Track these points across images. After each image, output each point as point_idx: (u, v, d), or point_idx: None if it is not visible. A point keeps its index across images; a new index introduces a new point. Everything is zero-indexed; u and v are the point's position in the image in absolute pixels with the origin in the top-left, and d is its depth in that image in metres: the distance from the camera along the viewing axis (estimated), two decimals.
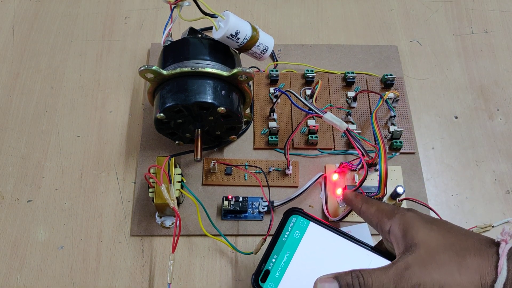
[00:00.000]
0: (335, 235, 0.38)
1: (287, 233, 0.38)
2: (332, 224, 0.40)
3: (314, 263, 0.37)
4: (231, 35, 0.46)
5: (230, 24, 0.46)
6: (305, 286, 0.35)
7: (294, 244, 0.38)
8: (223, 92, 0.47)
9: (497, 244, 0.31)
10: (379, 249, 0.38)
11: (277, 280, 0.37)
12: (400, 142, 0.55)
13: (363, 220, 0.48)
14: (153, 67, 0.45)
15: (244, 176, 0.54)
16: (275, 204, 0.51)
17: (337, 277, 0.32)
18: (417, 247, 0.32)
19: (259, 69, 0.61)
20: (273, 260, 0.37)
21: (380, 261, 0.37)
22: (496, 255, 0.31)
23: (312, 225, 0.38)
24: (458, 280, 0.30)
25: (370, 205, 0.39)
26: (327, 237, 0.38)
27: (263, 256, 0.38)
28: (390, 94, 0.56)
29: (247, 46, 0.48)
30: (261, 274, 0.37)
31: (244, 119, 0.54)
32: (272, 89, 0.59)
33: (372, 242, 0.49)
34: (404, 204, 0.52)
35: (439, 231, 0.33)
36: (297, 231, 0.38)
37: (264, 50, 0.49)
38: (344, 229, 0.51)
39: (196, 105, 0.46)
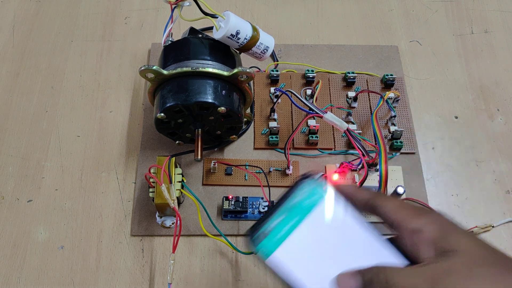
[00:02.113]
0: (348, 215, 0.33)
1: (298, 198, 0.33)
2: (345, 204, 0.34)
3: (323, 238, 0.32)
4: (231, 35, 0.46)
5: (231, 24, 0.46)
6: (306, 258, 0.31)
7: (303, 213, 0.33)
8: (223, 92, 0.47)
9: None
10: (395, 243, 0.33)
11: (276, 242, 0.32)
12: (401, 142, 0.55)
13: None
14: (154, 67, 0.45)
15: (245, 176, 0.54)
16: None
17: (362, 272, 0.29)
18: (458, 254, 0.29)
19: (259, 69, 0.61)
20: (275, 222, 0.32)
21: (397, 257, 0.32)
22: None
23: (329, 196, 0.34)
24: None
25: (388, 199, 0.34)
26: (341, 214, 0.33)
27: (265, 216, 0.32)
28: (390, 94, 0.56)
29: (248, 46, 0.48)
30: (256, 232, 0.32)
31: (245, 119, 0.54)
32: (272, 89, 0.59)
33: None
34: None
35: (480, 243, 0.30)
36: (307, 200, 0.33)
37: (265, 50, 0.49)
38: None
39: (197, 105, 0.46)
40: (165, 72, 0.46)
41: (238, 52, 0.51)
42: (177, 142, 0.54)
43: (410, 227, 0.31)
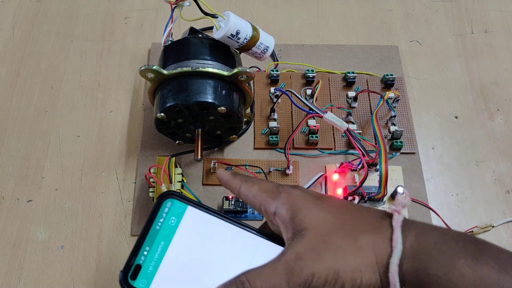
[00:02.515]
0: (218, 219, 0.33)
1: (161, 220, 0.32)
2: (213, 208, 0.34)
3: (194, 253, 0.32)
4: (231, 35, 0.46)
5: (231, 24, 0.46)
6: (183, 280, 0.31)
7: (170, 232, 0.32)
8: (223, 92, 0.47)
9: (390, 216, 0.28)
10: (265, 233, 0.33)
11: (149, 276, 0.31)
12: (401, 142, 0.55)
13: None
14: (154, 67, 0.45)
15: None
16: None
17: (226, 285, 0.28)
18: (307, 232, 0.28)
19: (259, 69, 0.61)
20: (145, 252, 0.31)
21: (269, 246, 0.32)
22: (390, 228, 0.28)
23: (191, 209, 0.33)
24: (353, 263, 0.27)
25: (251, 184, 0.32)
26: (209, 222, 0.33)
27: (133, 248, 0.31)
28: (390, 94, 0.56)
29: (248, 46, 0.48)
30: (130, 270, 0.31)
31: (245, 119, 0.54)
32: (272, 89, 0.59)
33: None
34: None
35: (330, 211, 0.29)
36: (173, 218, 0.32)
37: (265, 50, 0.49)
38: None
39: (197, 104, 0.46)
40: (165, 72, 0.46)
41: (238, 52, 0.51)
42: (177, 142, 0.54)
43: (270, 211, 0.30)
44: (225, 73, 0.47)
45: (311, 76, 0.60)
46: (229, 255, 0.31)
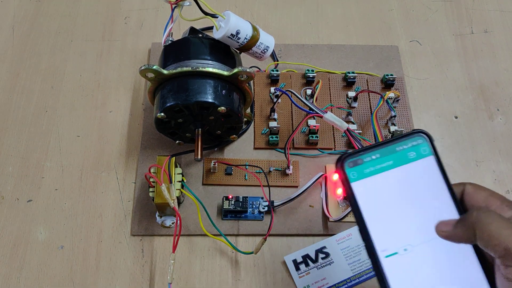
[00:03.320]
0: (444, 183, 0.33)
1: (405, 146, 0.33)
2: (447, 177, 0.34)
3: (407, 191, 0.32)
4: (231, 34, 0.46)
5: (231, 24, 0.46)
6: (391, 196, 0.32)
7: (402, 161, 0.33)
8: (223, 91, 0.47)
9: None
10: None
11: (363, 174, 0.32)
12: None
13: None
14: (154, 67, 0.45)
15: (245, 175, 0.54)
16: (275, 204, 0.51)
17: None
18: None
19: (259, 69, 0.61)
20: (373, 157, 0.32)
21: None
22: None
23: (430, 159, 0.33)
24: None
25: (479, 186, 0.33)
26: (436, 177, 0.33)
27: (367, 146, 0.33)
28: (390, 94, 0.56)
29: (248, 46, 0.48)
30: (354, 157, 0.32)
31: (245, 119, 0.54)
32: (272, 89, 0.59)
33: None
34: None
35: None
36: (414, 152, 0.33)
37: (265, 50, 0.49)
38: (343, 233, 0.51)
39: (197, 104, 0.46)
40: (165, 71, 0.46)
41: (238, 52, 0.51)
42: (177, 142, 0.54)
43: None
44: (225, 73, 0.47)
45: (311, 76, 0.60)
46: (430, 216, 0.31)
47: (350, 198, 0.32)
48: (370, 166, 0.32)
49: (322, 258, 0.49)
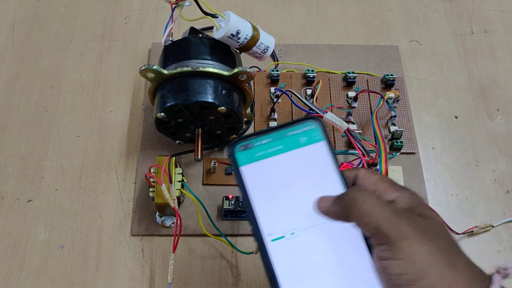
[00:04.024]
0: (333, 165, 0.33)
1: (295, 132, 0.33)
2: (336, 159, 0.34)
3: (296, 174, 0.32)
4: (231, 34, 0.46)
5: (231, 24, 0.46)
6: (273, 180, 0.32)
7: (292, 145, 0.33)
8: (223, 91, 0.47)
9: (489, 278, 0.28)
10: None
11: (252, 159, 0.32)
12: (401, 142, 0.55)
13: None
14: (154, 67, 0.45)
15: None
16: None
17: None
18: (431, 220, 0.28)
19: (259, 69, 0.61)
20: (264, 141, 0.33)
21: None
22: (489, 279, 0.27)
23: (321, 144, 0.33)
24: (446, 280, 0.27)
25: (372, 172, 0.33)
26: (326, 161, 0.33)
27: (259, 131, 0.33)
28: (390, 94, 0.56)
29: (248, 46, 0.48)
30: (244, 142, 0.32)
31: (245, 119, 0.54)
32: (272, 89, 0.59)
33: None
34: None
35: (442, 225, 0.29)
36: (304, 138, 0.33)
37: (265, 50, 0.49)
38: None
39: (197, 104, 0.46)
40: (165, 71, 0.46)
41: (238, 52, 0.51)
42: (177, 142, 0.54)
43: (387, 198, 0.30)
44: (225, 73, 0.47)
45: (311, 76, 0.60)
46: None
47: (238, 182, 0.32)
48: (260, 151, 0.32)
49: None
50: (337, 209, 0.29)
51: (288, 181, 0.32)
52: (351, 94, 0.59)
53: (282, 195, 0.31)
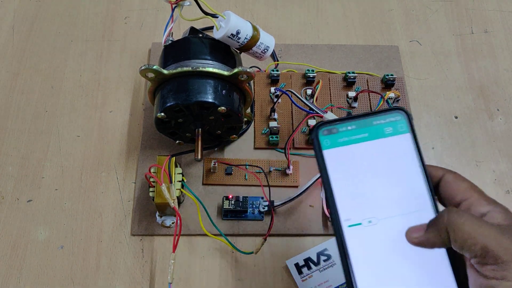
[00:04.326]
0: (418, 162, 0.32)
1: (382, 121, 0.33)
2: (423, 157, 0.33)
3: (378, 165, 0.32)
4: (232, 34, 0.46)
5: (231, 24, 0.46)
6: (348, 173, 0.32)
7: (378, 134, 0.32)
8: (223, 91, 0.47)
9: None
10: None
11: (336, 143, 0.32)
12: None
13: None
14: (154, 67, 0.45)
15: (245, 175, 0.54)
16: (275, 204, 0.51)
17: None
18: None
19: (259, 69, 0.61)
20: (349, 127, 0.32)
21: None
22: None
23: (407, 136, 0.33)
24: None
25: (460, 177, 0.32)
26: (410, 155, 0.32)
27: (344, 117, 0.33)
28: (390, 94, 0.56)
29: (248, 46, 0.48)
30: (329, 126, 0.32)
31: (245, 119, 0.54)
32: (272, 89, 0.59)
33: None
34: None
35: None
36: (390, 128, 0.33)
37: (265, 50, 0.49)
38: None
39: (197, 104, 0.46)
40: (165, 71, 0.46)
41: (238, 52, 0.51)
42: (177, 141, 0.54)
43: (478, 211, 0.29)
44: (226, 73, 0.47)
45: (311, 76, 0.60)
46: (402, 192, 0.31)
47: (320, 165, 0.32)
48: (344, 136, 0.32)
49: (324, 261, 0.49)
50: (433, 236, 0.28)
51: (370, 170, 0.32)
52: (351, 94, 0.59)
53: (363, 182, 0.31)
